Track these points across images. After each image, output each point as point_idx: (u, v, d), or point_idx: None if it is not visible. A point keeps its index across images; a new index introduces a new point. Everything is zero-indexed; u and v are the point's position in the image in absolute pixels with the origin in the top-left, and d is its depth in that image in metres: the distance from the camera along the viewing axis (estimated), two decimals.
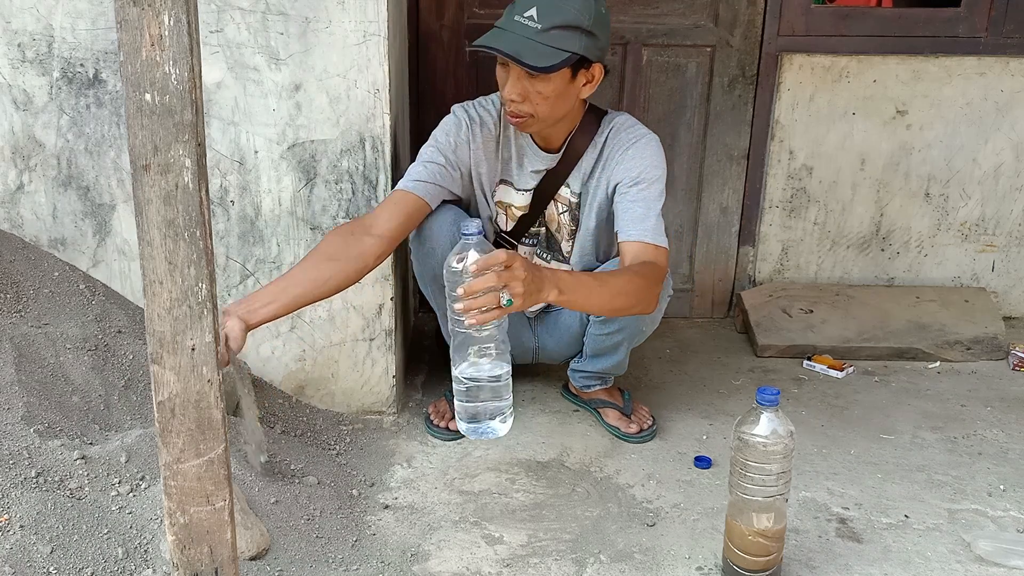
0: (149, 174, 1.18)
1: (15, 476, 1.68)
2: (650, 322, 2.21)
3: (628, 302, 1.92)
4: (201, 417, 1.29)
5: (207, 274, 1.23)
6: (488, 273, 1.59)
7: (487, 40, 1.95)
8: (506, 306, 1.60)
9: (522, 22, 1.93)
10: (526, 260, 1.66)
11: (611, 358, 2.29)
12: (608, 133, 2.15)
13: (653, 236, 2.03)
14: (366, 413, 2.38)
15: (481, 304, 1.59)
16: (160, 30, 1.13)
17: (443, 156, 2.11)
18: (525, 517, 2.02)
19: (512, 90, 1.98)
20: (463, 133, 2.13)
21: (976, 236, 3.07)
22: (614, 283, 1.90)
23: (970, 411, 2.53)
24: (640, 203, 2.06)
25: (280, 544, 1.83)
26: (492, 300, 1.60)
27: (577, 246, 2.27)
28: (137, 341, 2.15)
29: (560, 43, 1.92)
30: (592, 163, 2.17)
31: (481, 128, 2.15)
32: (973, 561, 1.90)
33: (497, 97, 2.16)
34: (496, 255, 1.60)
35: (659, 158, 2.11)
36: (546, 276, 1.72)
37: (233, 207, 2.20)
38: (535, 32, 1.91)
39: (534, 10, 1.92)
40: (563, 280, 1.76)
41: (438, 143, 2.13)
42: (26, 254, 2.18)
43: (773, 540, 1.77)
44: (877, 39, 2.84)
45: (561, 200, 2.23)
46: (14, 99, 2.14)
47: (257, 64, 2.10)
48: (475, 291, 1.59)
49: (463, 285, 1.59)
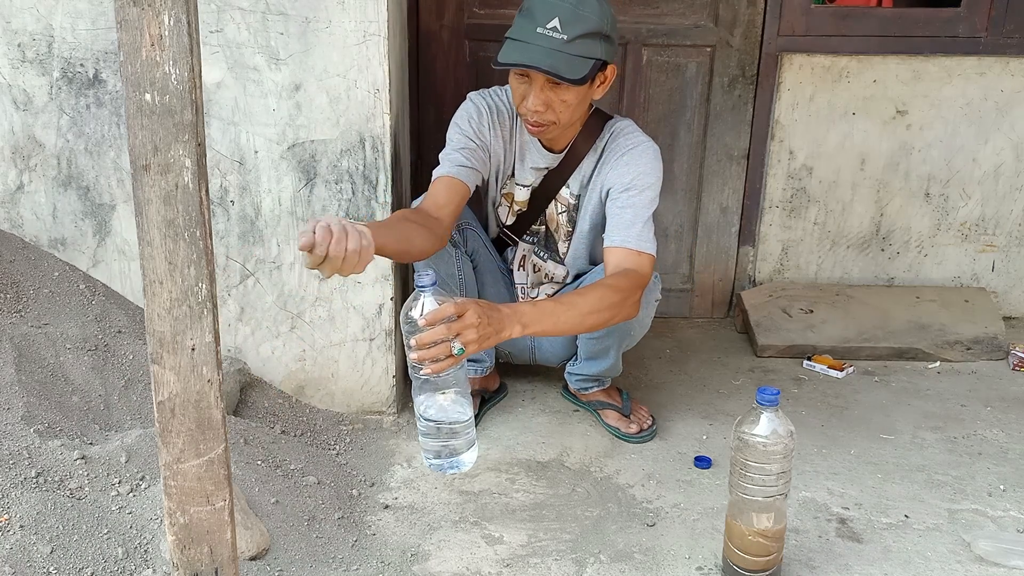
0: (149, 174, 1.18)
1: (15, 476, 1.68)
2: (638, 326, 2.21)
3: (602, 318, 1.92)
4: (201, 417, 1.29)
5: (207, 274, 1.23)
6: (438, 326, 1.60)
7: (517, 56, 1.94)
8: (458, 355, 1.62)
9: (547, 34, 1.92)
10: (481, 306, 1.66)
11: (604, 361, 2.30)
12: (608, 138, 2.16)
13: (637, 242, 2.03)
14: (366, 413, 2.38)
15: (433, 355, 1.61)
16: (160, 30, 1.13)
17: (473, 141, 2.13)
18: (525, 517, 2.02)
19: (537, 101, 1.99)
20: (485, 119, 2.15)
21: (976, 236, 3.07)
22: (583, 303, 1.88)
23: (970, 411, 2.52)
24: (628, 209, 2.07)
25: (280, 544, 1.83)
26: (444, 350, 1.61)
27: (571, 248, 2.28)
28: (137, 341, 2.15)
29: (586, 51, 1.94)
30: (592, 166, 2.18)
31: (499, 116, 2.18)
32: (973, 561, 1.90)
33: (506, 91, 2.18)
34: (443, 309, 1.61)
35: (653, 166, 2.11)
36: (504, 315, 1.72)
37: (233, 207, 2.20)
38: (562, 43, 1.92)
39: (556, 21, 1.92)
40: (525, 314, 1.76)
41: (463, 130, 2.14)
42: (26, 254, 2.18)
43: (773, 540, 1.77)
44: (877, 39, 2.84)
45: (561, 200, 2.24)
46: (14, 99, 2.14)
47: (257, 64, 2.10)
48: (426, 343, 1.60)
49: (415, 336, 1.61)
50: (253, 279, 2.26)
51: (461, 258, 2.22)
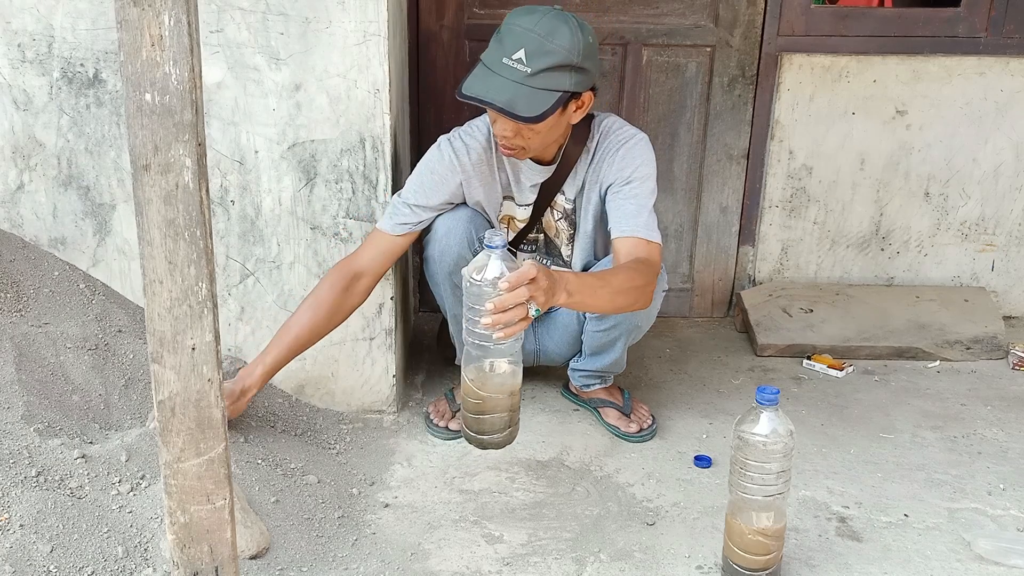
0: (149, 174, 1.18)
1: (15, 475, 1.68)
2: (646, 318, 2.21)
3: (628, 299, 1.93)
4: (201, 416, 1.29)
5: (207, 274, 1.23)
6: (520, 289, 1.59)
7: (476, 87, 1.92)
8: (534, 315, 1.61)
9: (510, 65, 1.89)
10: (543, 267, 1.67)
11: (609, 355, 2.29)
12: (598, 137, 2.15)
13: (646, 231, 2.04)
14: (366, 412, 2.38)
15: (510, 317, 1.59)
16: (160, 30, 1.13)
17: (426, 196, 2.11)
18: (525, 516, 2.02)
19: (503, 129, 1.98)
20: (447, 166, 2.12)
21: (976, 236, 3.07)
22: (614, 281, 1.91)
23: (970, 410, 2.53)
24: (632, 200, 2.07)
25: (280, 543, 1.84)
26: (521, 313, 1.60)
27: (577, 249, 2.27)
28: (137, 340, 2.15)
29: (551, 84, 1.90)
30: (585, 168, 2.17)
31: (469, 156, 2.14)
32: (973, 560, 1.90)
33: (484, 121, 2.15)
34: (526, 272, 1.60)
35: (648, 156, 2.12)
36: (557, 280, 1.72)
37: (233, 207, 2.20)
38: (524, 76, 1.88)
39: (522, 52, 1.88)
40: (571, 282, 1.77)
41: (422, 182, 2.12)
42: (26, 254, 2.18)
43: (773, 539, 1.77)
44: (877, 39, 2.84)
45: (557, 207, 2.24)
46: (14, 99, 2.14)
47: (257, 64, 2.10)
48: (506, 306, 1.58)
49: (492, 299, 1.58)
50: (253, 278, 2.26)
51: None
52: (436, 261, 2.17)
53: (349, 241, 2.23)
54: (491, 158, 2.17)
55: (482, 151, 2.15)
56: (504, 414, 1.73)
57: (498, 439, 1.75)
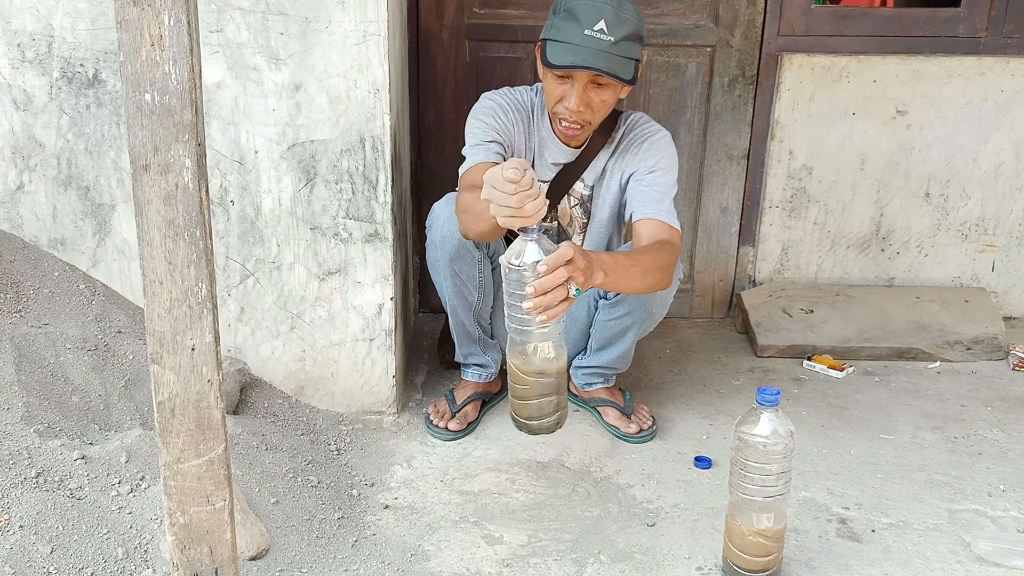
0: (149, 174, 1.18)
1: (15, 476, 1.68)
2: (660, 304, 2.21)
3: (654, 280, 1.95)
4: (201, 417, 1.29)
5: (207, 274, 1.23)
6: (559, 270, 1.59)
7: (571, 58, 1.97)
8: (575, 296, 1.62)
9: (594, 36, 1.96)
10: (579, 247, 1.67)
11: (618, 347, 2.29)
12: (624, 129, 2.22)
13: (668, 216, 2.07)
14: (366, 413, 2.38)
15: (551, 299, 1.59)
16: (160, 30, 1.13)
17: (500, 134, 2.14)
18: (525, 517, 2.02)
19: (580, 102, 2.03)
20: (504, 115, 2.17)
21: (976, 236, 3.06)
22: (643, 261, 1.92)
23: (970, 411, 2.52)
24: (655, 187, 2.12)
25: (280, 544, 1.83)
26: (561, 293, 1.60)
27: (589, 239, 2.30)
28: (137, 341, 2.15)
29: (630, 52, 1.99)
30: (607, 158, 2.22)
31: (518, 113, 2.20)
32: (973, 561, 1.90)
33: (525, 90, 2.22)
34: (563, 253, 1.60)
35: (673, 152, 2.19)
36: (592, 260, 1.71)
37: (233, 207, 2.20)
38: (609, 45, 1.96)
39: (603, 23, 1.96)
40: (605, 262, 1.77)
41: (489, 124, 2.15)
42: (26, 254, 2.18)
43: (773, 540, 1.77)
44: (877, 39, 2.84)
45: (574, 194, 2.27)
46: (14, 99, 2.14)
47: (257, 64, 2.10)
48: (547, 288, 1.58)
49: (532, 283, 1.58)
50: (253, 279, 2.26)
51: (483, 260, 2.21)
52: (438, 247, 2.18)
53: (349, 241, 2.22)
54: (529, 123, 2.22)
55: (527, 113, 2.21)
56: (552, 397, 1.72)
57: (547, 424, 1.75)
